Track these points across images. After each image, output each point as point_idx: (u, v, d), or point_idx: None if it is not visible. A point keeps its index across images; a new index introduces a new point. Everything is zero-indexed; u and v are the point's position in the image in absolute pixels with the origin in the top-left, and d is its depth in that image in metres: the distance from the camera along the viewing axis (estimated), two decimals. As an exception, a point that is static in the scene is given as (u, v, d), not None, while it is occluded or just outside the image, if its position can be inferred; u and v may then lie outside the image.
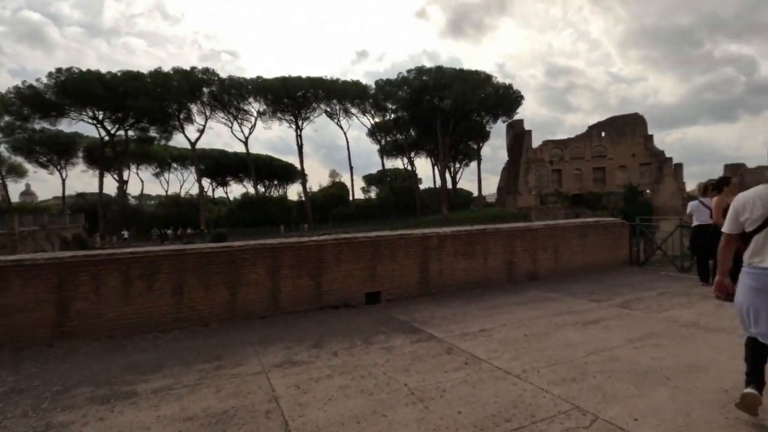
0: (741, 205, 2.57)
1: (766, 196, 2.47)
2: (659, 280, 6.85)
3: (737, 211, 2.58)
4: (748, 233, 2.52)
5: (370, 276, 5.79)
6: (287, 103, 50.38)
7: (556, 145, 64.58)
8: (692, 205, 6.65)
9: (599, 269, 7.83)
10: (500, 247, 6.85)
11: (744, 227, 2.55)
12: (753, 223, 2.49)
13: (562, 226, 7.54)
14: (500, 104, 54.31)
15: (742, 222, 2.55)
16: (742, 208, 2.56)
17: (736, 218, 2.59)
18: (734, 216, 2.60)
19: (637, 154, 61.63)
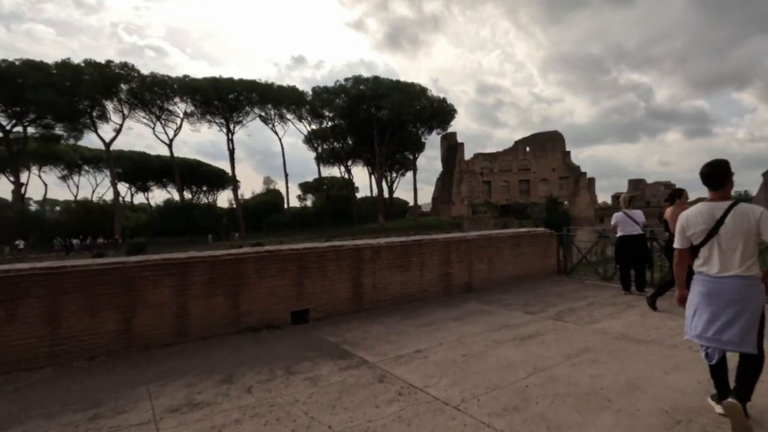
0: (686, 221, 2.78)
1: (705, 212, 2.67)
2: (586, 289, 7.03)
3: (684, 227, 2.79)
4: (696, 246, 2.74)
5: (297, 293, 5.22)
6: (218, 106, 47.73)
7: (486, 157, 67.93)
8: (617, 216, 6.85)
9: (531, 279, 7.92)
10: (436, 259, 6.62)
11: (691, 241, 2.76)
12: (698, 237, 2.69)
13: (497, 236, 7.52)
14: (435, 116, 55.91)
15: (689, 237, 2.76)
16: (687, 224, 2.76)
17: (683, 234, 2.80)
18: (682, 232, 2.81)
19: (556, 168, 66.70)
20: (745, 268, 2.53)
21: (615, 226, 6.74)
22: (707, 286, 2.64)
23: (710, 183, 2.72)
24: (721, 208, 2.62)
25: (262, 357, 4.04)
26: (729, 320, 2.51)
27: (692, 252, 2.79)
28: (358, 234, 45.70)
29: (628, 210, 6.75)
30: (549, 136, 68.57)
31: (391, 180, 71.00)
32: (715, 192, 2.71)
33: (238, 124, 51.23)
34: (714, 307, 2.58)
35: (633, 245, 6.54)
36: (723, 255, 2.59)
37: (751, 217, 2.52)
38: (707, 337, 2.59)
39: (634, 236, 6.55)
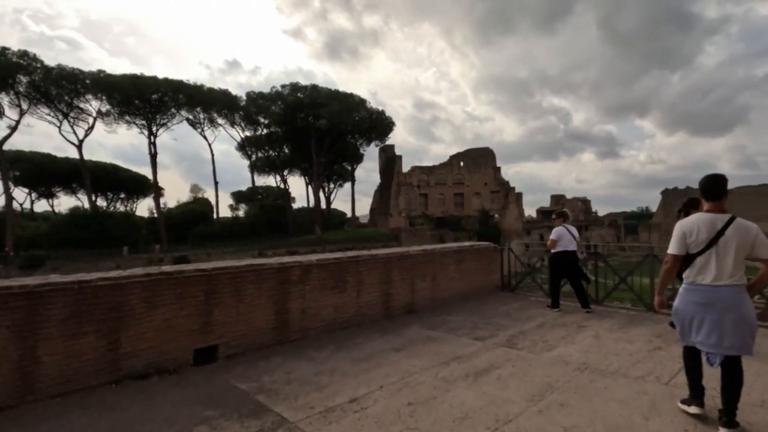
0: (688, 229, 2.84)
1: (707, 222, 2.77)
2: (533, 307, 6.64)
3: (685, 234, 2.85)
4: (692, 255, 2.82)
5: (204, 325, 4.17)
6: (138, 106, 43.57)
7: (423, 170, 69.26)
8: (559, 231, 6.64)
9: (476, 296, 7.43)
10: (376, 277, 5.85)
11: (689, 249, 2.84)
12: (697, 245, 2.79)
13: (440, 251, 6.95)
14: (374, 128, 55.82)
15: (688, 244, 2.84)
16: (689, 232, 2.83)
17: (683, 241, 2.86)
18: (682, 239, 2.87)
19: (488, 182, 69.76)
20: (737, 277, 2.70)
21: (555, 241, 6.50)
22: (703, 296, 2.75)
23: (712, 193, 2.82)
24: (722, 219, 2.74)
25: (139, 421, 2.97)
26: (729, 327, 2.66)
27: (686, 260, 2.87)
28: (293, 245, 43.95)
29: (566, 225, 6.57)
30: (481, 152, 71.66)
31: (328, 191, 69.68)
32: (713, 203, 2.82)
33: (162, 126, 47.20)
34: (713, 315, 2.70)
35: (570, 261, 6.44)
36: (719, 264, 2.72)
37: (750, 233, 2.69)
38: (710, 343, 2.71)
39: (571, 252, 6.44)
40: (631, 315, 6.04)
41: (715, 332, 2.69)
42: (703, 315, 2.74)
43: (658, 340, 4.74)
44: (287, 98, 51.41)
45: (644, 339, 4.81)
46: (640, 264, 6.44)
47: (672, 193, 72.32)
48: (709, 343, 2.71)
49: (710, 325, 2.71)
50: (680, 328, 2.94)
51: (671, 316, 3.07)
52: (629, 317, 5.90)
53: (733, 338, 2.65)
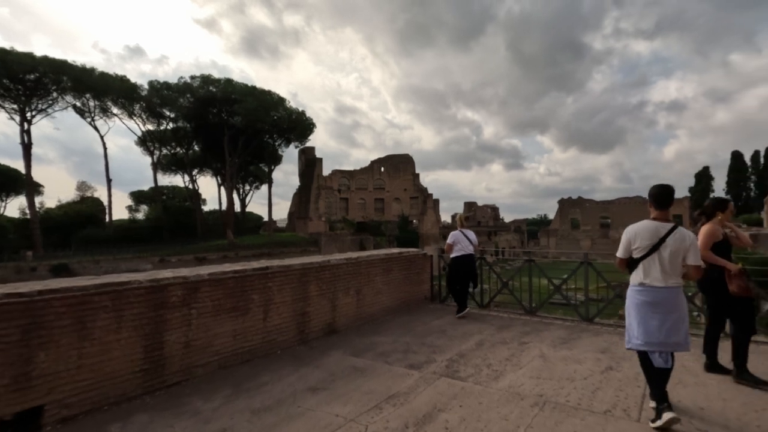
0: (633, 235, 3.06)
1: (651, 229, 3.00)
2: (467, 322, 6.01)
3: (630, 240, 3.07)
4: (636, 259, 3.04)
5: (18, 377, 2.76)
6: (8, 86, 36.77)
7: (344, 175, 68.46)
8: (454, 235, 6.53)
9: (405, 309, 6.65)
10: (289, 294, 4.75)
11: (632, 254, 3.06)
12: (641, 251, 3.00)
13: (366, 260, 6.04)
14: (293, 129, 53.58)
15: (633, 249, 3.06)
16: (634, 238, 3.05)
17: (628, 246, 3.08)
18: (627, 244, 3.08)
19: (408, 188, 71.15)
20: (677, 280, 2.95)
21: (451, 246, 6.49)
22: (651, 296, 2.95)
23: (660, 202, 3.06)
24: (665, 227, 2.98)
25: None
26: (674, 325, 2.88)
27: (632, 264, 3.08)
28: (202, 251, 40.23)
29: (463, 230, 6.52)
30: (401, 158, 72.93)
31: (244, 193, 65.55)
32: (660, 211, 3.07)
33: (41, 113, 40.37)
34: (660, 314, 2.90)
35: (466, 265, 6.37)
36: (663, 268, 2.93)
37: (686, 241, 2.94)
38: (658, 342, 2.89)
39: (467, 256, 6.39)
40: (568, 326, 5.67)
41: (664, 330, 2.88)
42: (652, 314, 2.93)
43: (606, 358, 4.31)
44: (198, 91, 47.31)
45: (591, 357, 4.35)
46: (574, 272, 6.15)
47: (566, 202, 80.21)
48: (659, 341, 2.89)
49: (658, 322, 2.90)
50: (629, 328, 3.09)
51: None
52: (567, 329, 5.51)
53: (677, 335, 2.89)
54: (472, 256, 6.50)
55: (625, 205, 73.33)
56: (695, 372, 3.83)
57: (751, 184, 63.75)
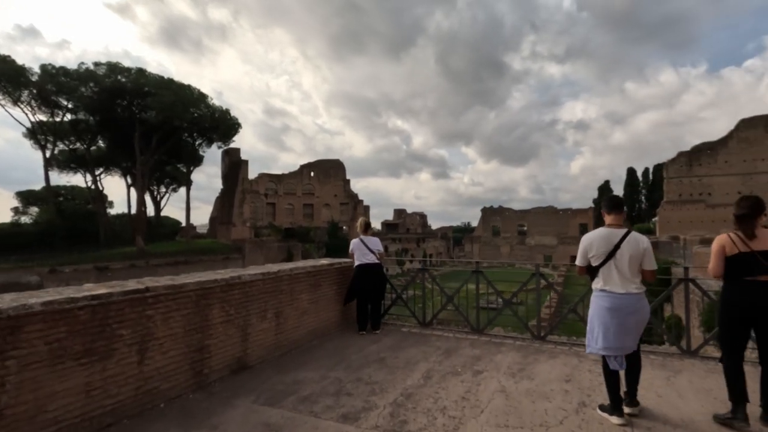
0: (589, 244, 3.16)
1: (605, 237, 3.10)
2: (408, 343, 5.15)
3: (587, 249, 3.18)
4: (595, 267, 3.14)
5: None
6: None
7: (271, 178, 65.52)
8: (354, 243, 5.95)
9: (336, 331, 5.63)
10: (180, 324, 3.53)
11: (591, 262, 3.17)
12: (598, 258, 3.11)
13: (289, 274, 4.93)
14: (216, 128, 49.86)
15: (590, 258, 3.17)
16: (589, 247, 3.16)
17: (585, 255, 3.20)
18: (584, 252, 3.20)
19: (338, 194, 70.09)
20: (637, 285, 3.04)
21: (352, 254, 5.97)
22: (612, 302, 3.02)
23: (611, 206, 3.17)
24: (618, 235, 3.07)
25: None
26: (631, 329, 3.02)
27: (592, 272, 3.18)
28: (104, 260, 35.69)
29: (364, 237, 5.89)
30: (332, 163, 71.76)
31: (159, 195, 59.80)
32: (613, 216, 3.16)
33: None
34: (619, 319, 3.00)
35: (369, 276, 5.75)
36: (621, 275, 3.02)
37: (640, 246, 3.03)
38: (617, 347, 3.00)
39: (370, 266, 5.77)
40: (520, 347, 5.04)
41: (620, 335, 2.98)
42: (611, 320, 2.99)
43: (574, 389, 3.67)
44: (103, 80, 42.17)
45: (558, 389, 3.68)
46: (524, 284, 5.58)
47: (488, 211, 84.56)
48: (616, 346, 2.99)
49: (616, 328, 2.99)
50: (589, 333, 3.15)
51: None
52: (520, 351, 4.88)
53: (634, 337, 3.04)
54: (378, 266, 5.83)
55: (539, 215, 78.91)
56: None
57: (643, 197, 71.70)
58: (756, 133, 43.05)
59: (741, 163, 43.35)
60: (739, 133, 43.87)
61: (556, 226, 76.89)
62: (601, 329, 3.03)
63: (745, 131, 43.61)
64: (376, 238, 6.04)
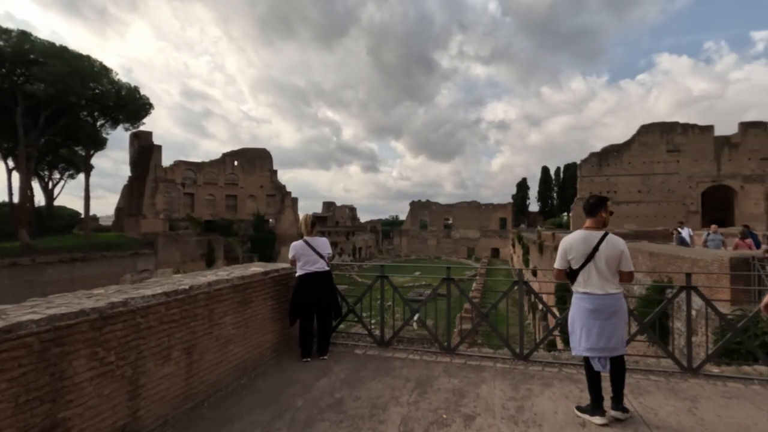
0: (568, 246, 3.16)
1: (582, 239, 3.11)
2: (370, 375, 4.03)
3: (566, 251, 3.17)
4: (575, 269, 3.13)
5: None
6: None
7: (189, 167, 60.11)
8: (297, 246, 4.69)
9: (271, 359, 4.33)
10: (9, 393, 2.06)
11: (570, 264, 3.16)
12: (577, 261, 3.11)
13: (208, 291, 3.53)
14: (122, 107, 44.03)
15: (569, 260, 3.16)
16: (569, 249, 3.15)
17: (564, 257, 3.18)
18: (564, 255, 3.18)
19: (264, 185, 66.50)
20: (616, 286, 3.06)
21: (294, 260, 4.70)
22: (593, 303, 3.03)
23: (588, 210, 3.19)
24: (596, 236, 3.09)
25: None
26: (613, 330, 3.00)
27: (572, 275, 3.16)
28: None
29: (310, 238, 4.66)
30: (257, 152, 67.89)
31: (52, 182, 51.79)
32: (591, 219, 3.17)
33: None
34: (600, 320, 3.00)
35: (318, 288, 4.58)
36: (601, 276, 3.03)
37: (617, 247, 3.06)
38: (600, 347, 3.00)
39: (319, 274, 4.61)
40: (503, 370, 4.15)
41: (604, 336, 2.99)
42: (593, 321, 3.01)
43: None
44: (-29, 41, 35.16)
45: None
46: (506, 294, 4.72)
47: (417, 205, 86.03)
48: (599, 346, 3.00)
49: (598, 329, 3.00)
50: (573, 336, 3.14)
51: None
52: (506, 377, 3.99)
53: (617, 339, 3.01)
54: (328, 275, 4.72)
55: (463, 209, 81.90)
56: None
57: (555, 194, 77.51)
58: (653, 138, 48.04)
59: (641, 164, 48.14)
60: (640, 138, 48.63)
61: (479, 220, 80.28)
62: (584, 331, 3.04)
63: (645, 136, 48.45)
64: (324, 238, 4.81)
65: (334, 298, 4.73)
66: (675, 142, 47.22)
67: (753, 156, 45.01)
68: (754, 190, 44.36)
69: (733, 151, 45.69)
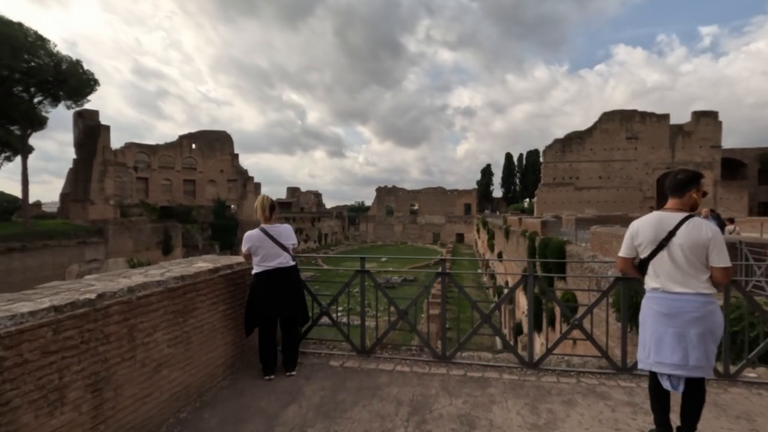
0: (636, 230, 2.58)
1: (655, 221, 2.48)
2: (352, 398, 3.19)
3: (632, 236, 2.59)
4: (644, 259, 2.52)
5: None
6: None
7: (142, 149, 56.32)
8: (253, 236, 3.72)
9: (224, 381, 3.40)
10: None
11: (638, 252, 2.57)
12: (646, 248, 2.51)
13: (127, 299, 2.54)
14: (62, 82, 40.28)
15: (636, 246, 2.58)
16: (635, 233, 2.57)
17: (630, 242, 2.60)
18: (629, 240, 2.61)
19: (225, 170, 63.60)
20: (702, 284, 2.34)
21: (249, 255, 3.74)
22: (665, 305, 2.39)
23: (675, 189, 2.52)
24: (674, 219, 2.44)
25: None
26: (695, 343, 2.29)
27: (641, 266, 2.57)
28: None
29: (269, 226, 3.74)
30: (217, 135, 64.65)
31: (-19, 165, 46.90)
32: (676, 199, 2.52)
33: None
34: (676, 328, 2.33)
35: (281, 288, 3.65)
36: (678, 270, 2.37)
37: (703, 234, 2.35)
38: (674, 363, 2.32)
39: (283, 271, 3.67)
40: (511, 383, 3.43)
41: (679, 349, 2.31)
42: (665, 328, 2.37)
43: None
44: None
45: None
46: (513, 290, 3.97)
47: (383, 191, 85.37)
48: (673, 362, 2.33)
49: (673, 340, 2.33)
50: (641, 345, 2.50)
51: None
52: (513, 390, 3.27)
53: (699, 355, 2.29)
54: (293, 270, 3.77)
55: (429, 195, 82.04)
56: None
57: (517, 180, 79.06)
58: (614, 126, 49.31)
59: (602, 151, 49.39)
60: (602, 125, 49.80)
61: (444, 206, 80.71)
62: (653, 339, 2.40)
63: (606, 123, 49.64)
64: (287, 225, 3.86)
65: (301, 300, 3.79)
66: (634, 129, 48.67)
67: (704, 144, 47.14)
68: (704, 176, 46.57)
69: (687, 139, 47.66)
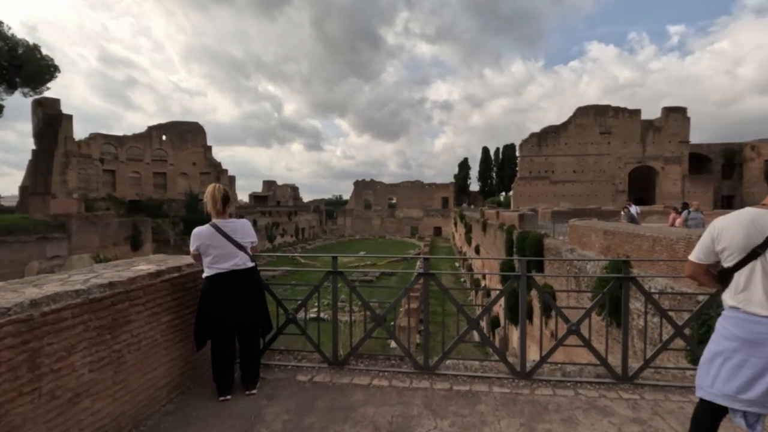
0: (718, 230, 1.97)
1: (748, 221, 1.89)
2: (323, 421, 2.72)
3: (713, 239, 1.99)
4: (728, 269, 1.95)
5: None
6: None
7: (109, 140, 53.81)
8: (202, 233, 3.15)
9: (170, 404, 2.87)
10: None
11: (719, 259, 1.99)
12: (732, 255, 1.92)
13: (27, 318, 1.97)
14: (18, 68, 37.95)
15: (717, 252, 1.99)
16: (718, 235, 1.97)
17: (710, 246, 2.01)
18: (709, 243, 2.01)
19: (197, 162, 61.73)
20: None
21: (198, 255, 3.18)
22: (750, 330, 1.83)
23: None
24: None
25: None
26: None
27: (723, 276, 1.98)
28: None
29: (222, 221, 3.20)
30: (189, 126, 62.54)
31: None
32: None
33: None
34: (760, 359, 1.79)
35: (236, 294, 3.11)
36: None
37: None
38: (750, 398, 1.80)
39: (238, 274, 3.13)
40: (501, 397, 3.05)
41: (762, 382, 1.77)
42: (745, 357, 1.82)
43: None
44: None
45: None
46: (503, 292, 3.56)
47: (361, 184, 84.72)
48: (750, 397, 1.79)
49: (754, 371, 1.80)
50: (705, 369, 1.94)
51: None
52: (506, 406, 2.87)
53: None
54: (252, 273, 3.24)
55: (407, 188, 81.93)
56: None
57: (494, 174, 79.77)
58: (588, 120, 50.12)
59: (577, 145, 50.15)
60: (576, 120, 50.54)
61: (422, 200, 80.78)
62: (727, 365, 1.87)
63: (580, 118, 50.40)
64: (244, 220, 3.32)
65: (262, 306, 3.25)
66: (607, 124, 49.57)
67: (673, 139, 48.48)
68: (673, 170, 48.01)
69: (657, 134, 48.90)
